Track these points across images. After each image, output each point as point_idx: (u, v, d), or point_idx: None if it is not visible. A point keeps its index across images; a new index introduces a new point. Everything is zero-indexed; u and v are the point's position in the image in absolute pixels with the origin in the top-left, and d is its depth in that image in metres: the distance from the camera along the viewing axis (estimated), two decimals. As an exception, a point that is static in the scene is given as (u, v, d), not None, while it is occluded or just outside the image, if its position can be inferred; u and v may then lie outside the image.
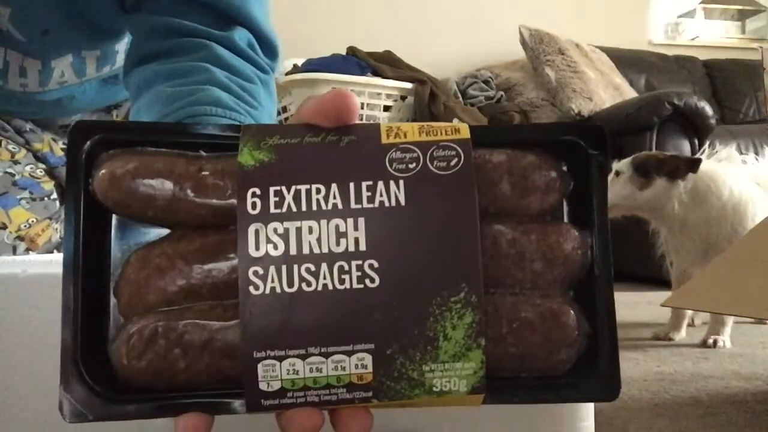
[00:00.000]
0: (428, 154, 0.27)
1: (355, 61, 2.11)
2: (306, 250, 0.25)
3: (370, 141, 0.27)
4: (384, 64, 2.13)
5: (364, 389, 0.26)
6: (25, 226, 0.80)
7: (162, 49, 0.60)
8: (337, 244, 0.25)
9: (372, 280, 0.25)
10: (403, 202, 0.26)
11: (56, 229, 0.84)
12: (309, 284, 0.25)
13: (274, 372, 0.25)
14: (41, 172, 0.84)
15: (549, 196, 0.28)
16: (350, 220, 0.25)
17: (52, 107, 0.82)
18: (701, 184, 1.22)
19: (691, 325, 1.30)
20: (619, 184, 1.26)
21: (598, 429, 0.40)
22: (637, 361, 1.03)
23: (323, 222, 0.25)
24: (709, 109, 1.98)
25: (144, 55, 0.61)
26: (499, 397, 0.27)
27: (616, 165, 1.29)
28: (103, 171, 0.27)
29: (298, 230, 0.25)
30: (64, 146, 0.87)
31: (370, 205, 0.25)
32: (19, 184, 0.81)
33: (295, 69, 2.05)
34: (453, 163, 0.26)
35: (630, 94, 2.46)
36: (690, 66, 2.86)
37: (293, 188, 0.26)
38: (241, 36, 0.61)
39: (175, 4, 0.60)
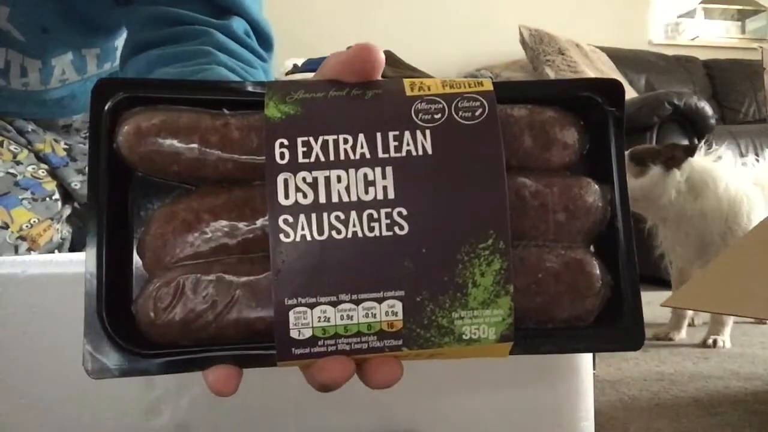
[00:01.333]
0: (453, 105, 0.27)
1: (355, 61, 2.10)
2: (335, 199, 0.25)
3: (395, 94, 0.28)
4: (384, 64, 2.13)
5: (394, 337, 0.25)
6: (27, 226, 0.80)
7: (161, 37, 0.60)
8: (366, 192, 0.25)
9: (401, 228, 0.25)
10: (430, 151, 0.26)
11: (57, 229, 0.84)
12: (339, 232, 0.25)
13: (305, 319, 0.25)
14: (43, 172, 0.85)
15: (569, 150, 0.29)
16: (378, 169, 0.25)
17: (54, 107, 0.82)
18: (697, 176, 1.22)
19: (691, 325, 1.30)
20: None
21: (598, 429, 0.40)
22: (637, 361, 1.03)
23: (351, 171, 0.25)
24: (709, 109, 1.98)
25: (142, 43, 0.61)
26: (526, 346, 0.27)
27: None
28: (128, 126, 0.27)
29: (327, 179, 0.25)
30: (66, 147, 0.87)
31: (398, 155, 0.26)
32: (20, 185, 0.81)
33: (295, 69, 2.05)
34: (478, 113, 0.27)
35: (630, 94, 2.46)
36: (690, 66, 2.86)
37: (321, 139, 0.26)
38: (238, 25, 0.61)
39: None
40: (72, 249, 0.89)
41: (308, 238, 0.25)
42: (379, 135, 0.26)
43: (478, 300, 0.25)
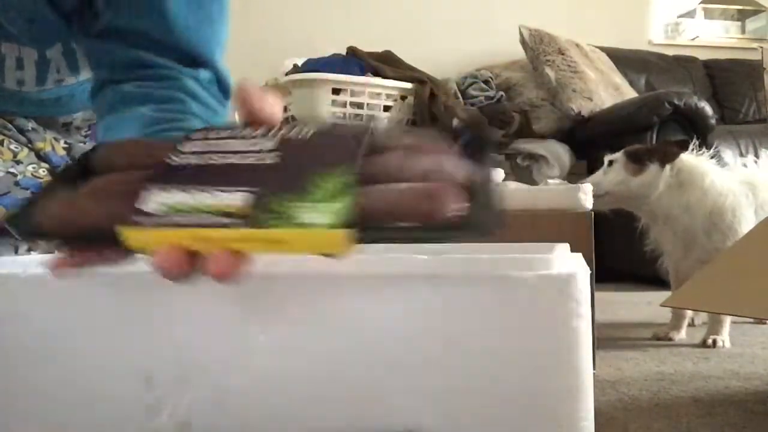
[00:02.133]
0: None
1: (355, 61, 2.10)
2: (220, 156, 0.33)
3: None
4: (384, 64, 2.13)
5: (238, 218, 0.30)
6: None
7: (134, 75, 0.62)
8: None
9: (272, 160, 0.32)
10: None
11: None
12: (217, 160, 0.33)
13: (158, 198, 0.31)
14: (44, 171, 0.85)
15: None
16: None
17: (53, 106, 0.82)
18: (686, 171, 1.25)
19: (691, 325, 1.30)
20: (613, 172, 1.30)
21: (598, 429, 0.40)
22: (637, 361, 1.03)
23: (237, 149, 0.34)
24: (709, 109, 1.98)
25: (116, 78, 0.63)
26: (370, 234, 0.29)
27: (610, 156, 1.32)
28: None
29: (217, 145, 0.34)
30: (66, 146, 0.87)
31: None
32: (21, 184, 0.81)
33: (295, 69, 2.05)
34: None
35: (630, 94, 2.46)
36: (690, 66, 2.86)
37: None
38: (204, 75, 0.65)
39: (142, 41, 0.63)
40: None
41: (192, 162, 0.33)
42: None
43: (318, 196, 0.30)
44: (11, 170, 0.81)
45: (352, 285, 0.41)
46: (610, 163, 1.31)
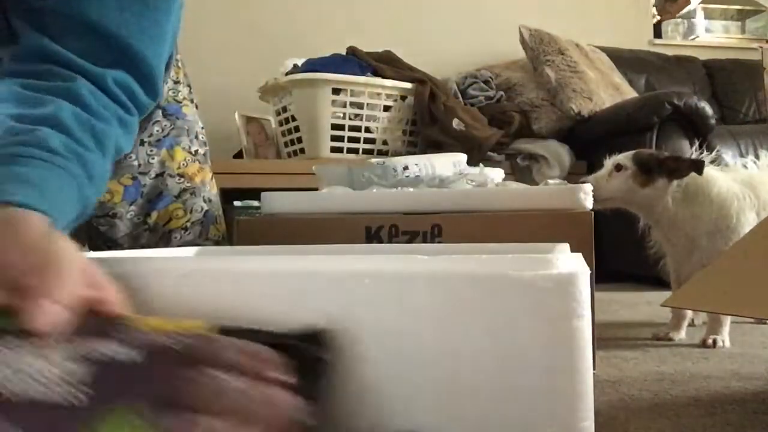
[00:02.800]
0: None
1: (355, 61, 2.10)
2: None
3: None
4: (384, 64, 2.13)
5: None
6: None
7: (28, 71, 0.59)
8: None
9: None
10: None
11: (208, 169, 0.98)
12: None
13: None
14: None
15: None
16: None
17: None
18: (692, 185, 1.22)
19: (691, 325, 1.30)
20: (621, 179, 1.25)
21: (598, 429, 0.40)
22: (637, 361, 1.03)
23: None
24: (709, 109, 1.98)
25: (14, 71, 0.60)
26: None
27: (616, 158, 1.28)
28: None
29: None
30: None
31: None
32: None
33: (295, 69, 2.05)
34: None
35: (630, 94, 2.46)
36: (690, 66, 2.86)
37: None
38: (116, 76, 0.62)
39: (64, 25, 0.60)
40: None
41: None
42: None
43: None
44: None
45: (353, 284, 0.41)
46: (618, 167, 1.26)
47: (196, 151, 0.97)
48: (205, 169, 0.98)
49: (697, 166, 1.20)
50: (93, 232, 0.91)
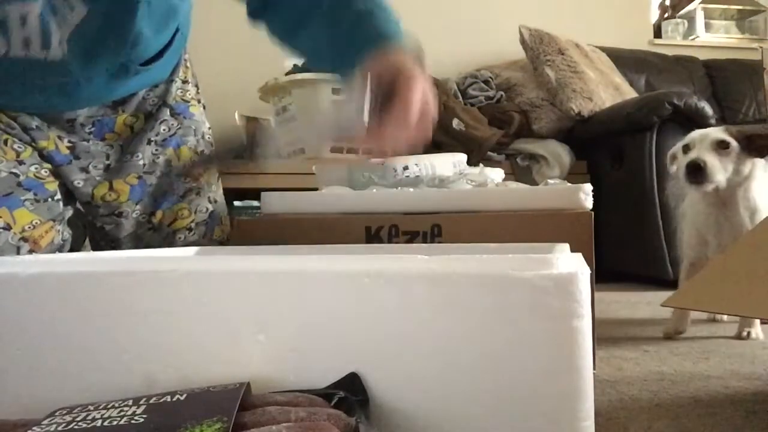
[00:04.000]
0: None
1: (355, 61, 2.10)
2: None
3: None
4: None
5: None
6: (29, 227, 0.80)
7: None
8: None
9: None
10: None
11: (59, 230, 0.84)
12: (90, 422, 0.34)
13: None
14: (46, 172, 0.84)
15: None
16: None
17: (58, 95, 0.81)
18: (746, 168, 1.18)
19: (713, 320, 1.34)
20: (731, 159, 1.16)
21: (598, 429, 0.40)
22: (637, 361, 1.03)
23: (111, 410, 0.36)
24: (709, 109, 1.98)
25: None
26: None
27: (717, 132, 1.19)
28: None
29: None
30: (70, 144, 0.86)
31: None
32: (23, 185, 0.81)
33: (295, 69, 2.05)
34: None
35: (630, 94, 2.46)
36: (690, 66, 2.86)
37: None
38: None
39: None
40: (72, 249, 0.89)
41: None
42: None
43: None
44: (14, 170, 0.81)
45: (353, 284, 0.41)
46: (723, 144, 1.15)
47: (202, 152, 0.97)
48: (210, 169, 0.98)
49: None
50: (96, 233, 0.91)
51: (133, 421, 0.33)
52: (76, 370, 0.44)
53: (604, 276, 1.98)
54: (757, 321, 1.17)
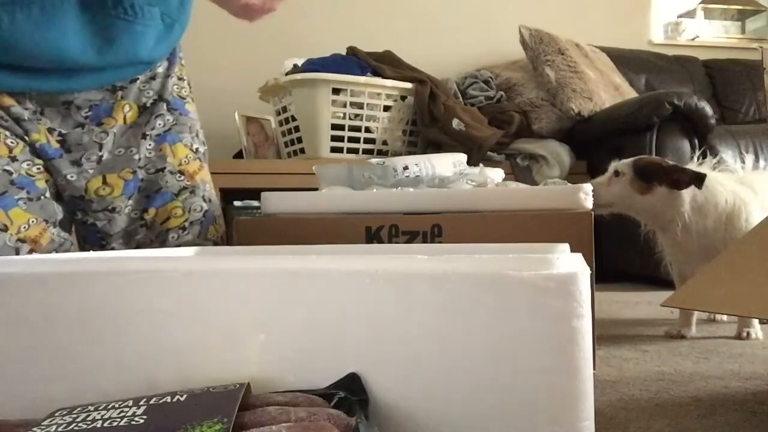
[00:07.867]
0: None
1: (355, 61, 2.10)
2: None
3: None
4: (384, 64, 2.13)
5: None
6: (25, 227, 0.80)
7: None
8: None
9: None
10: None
11: (53, 233, 0.83)
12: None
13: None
14: (38, 168, 0.84)
15: None
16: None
17: (55, 77, 0.80)
18: (700, 196, 1.21)
19: (712, 320, 1.34)
20: (619, 185, 1.25)
21: (598, 429, 0.40)
22: (637, 361, 1.03)
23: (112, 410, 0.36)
24: (709, 109, 1.98)
25: None
26: None
27: (617, 164, 1.28)
28: None
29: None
30: (60, 138, 0.86)
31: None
32: (16, 184, 0.80)
33: (295, 69, 2.05)
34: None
35: (630, 94, 2.46)
36: (690, 66, 2.86)
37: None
38: None
39: None
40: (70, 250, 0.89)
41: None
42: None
43: None
44: (7, 168, 0.80)
45: (353, 284, 0.41)
46: (617, 172, 1.26)
47: (197, 149, 0.97)
48: (204, 168, 0.98)
49: (699, 180, 1.18)
50: (85, 230, 0.90)
51: (133, 422, 0.34)
52: (76, 370, 0.44)
53: (604, 276, 1.97)
54: (757, 321, 1.17)
